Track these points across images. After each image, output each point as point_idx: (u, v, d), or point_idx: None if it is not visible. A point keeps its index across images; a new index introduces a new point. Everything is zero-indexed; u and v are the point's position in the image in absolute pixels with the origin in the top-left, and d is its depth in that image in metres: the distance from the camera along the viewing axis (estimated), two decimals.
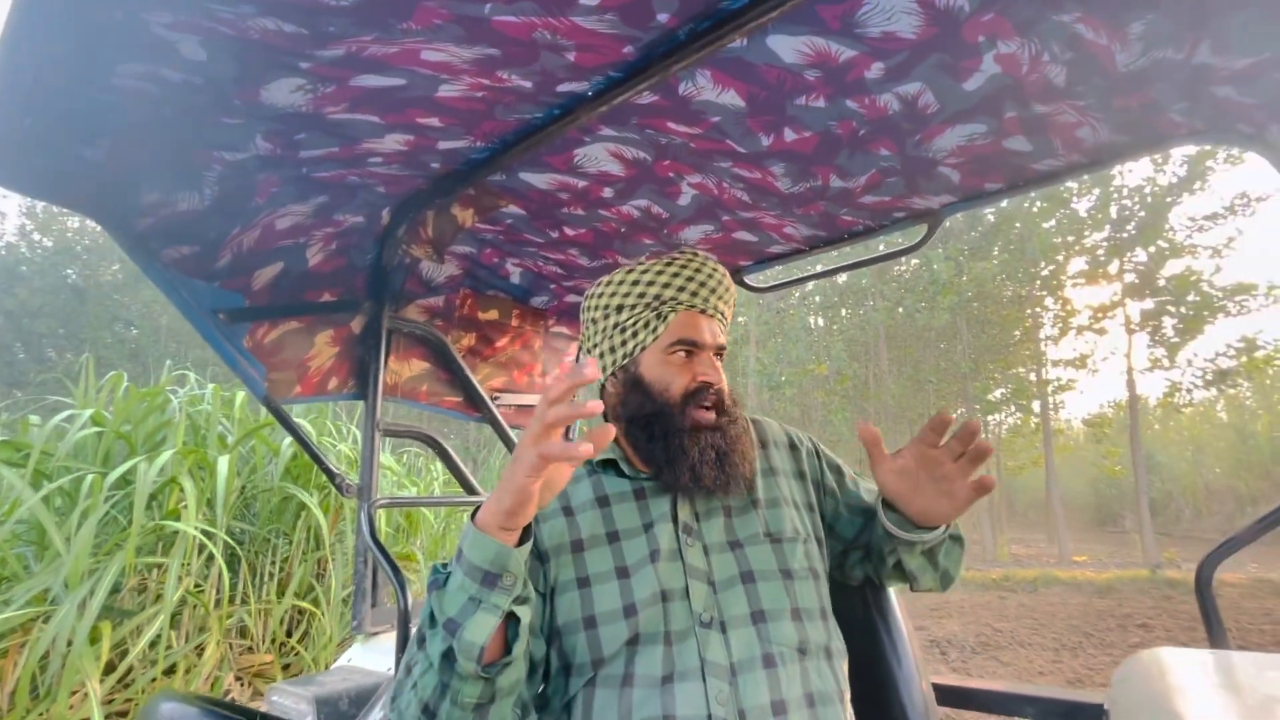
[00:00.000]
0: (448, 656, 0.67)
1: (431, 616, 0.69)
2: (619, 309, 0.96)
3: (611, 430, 0.63)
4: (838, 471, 1.05)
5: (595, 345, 0.99)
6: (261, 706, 1.14)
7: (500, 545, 0.66)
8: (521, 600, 0.70)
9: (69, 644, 2.58)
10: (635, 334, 0.95)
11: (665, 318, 0.94)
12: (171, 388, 3.91)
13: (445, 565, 0.71)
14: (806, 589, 0.87)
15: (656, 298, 0.94)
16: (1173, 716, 0.79)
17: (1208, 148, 11.89)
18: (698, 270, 0.96)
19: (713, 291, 0.96)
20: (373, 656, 1.27)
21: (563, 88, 1.03)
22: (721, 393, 0.92)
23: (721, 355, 0.96)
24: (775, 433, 1.05)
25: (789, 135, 1.14)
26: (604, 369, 0.97)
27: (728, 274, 1.00)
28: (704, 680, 0.76)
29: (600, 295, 0.98)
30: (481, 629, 0.66)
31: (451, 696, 0.68)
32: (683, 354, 0.93)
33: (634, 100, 1.05)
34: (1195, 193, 12.42)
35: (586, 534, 0.87)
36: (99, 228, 1.14)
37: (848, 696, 0.85)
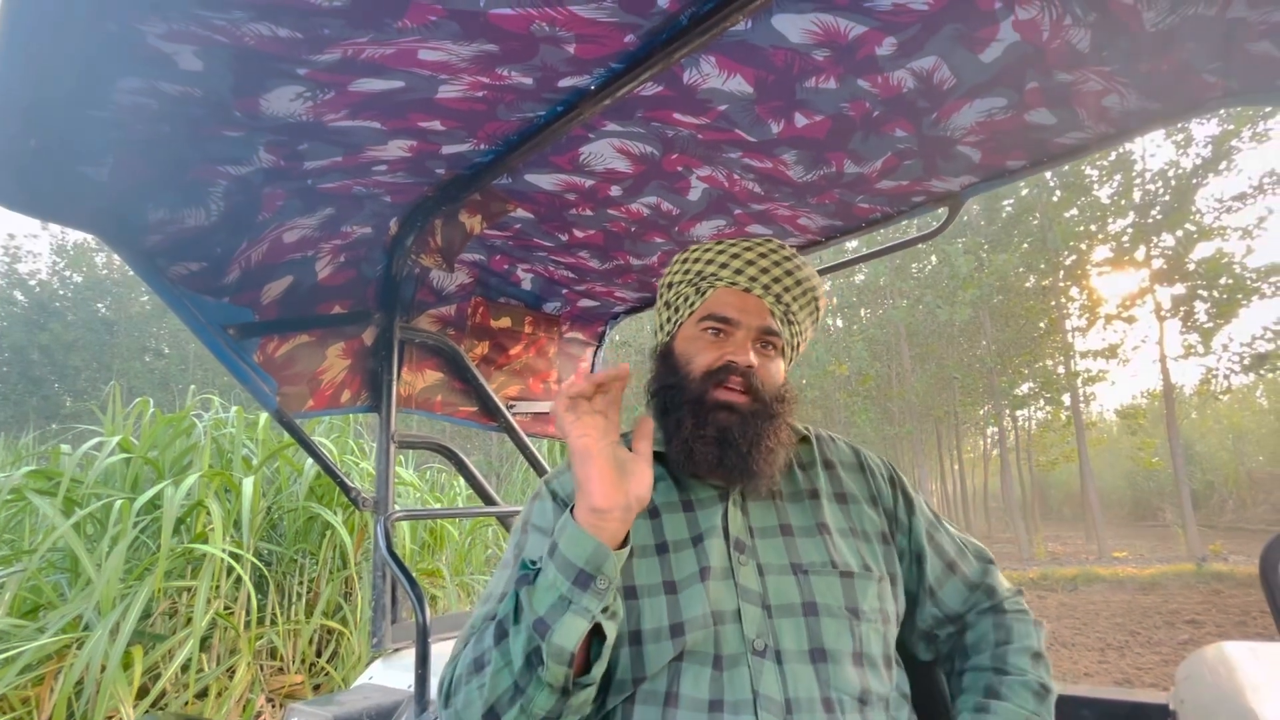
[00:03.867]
0: (532, 660, 0.65)
1: (516, 613, 0.67)
2: (669, 286, 0.96)
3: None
4: (910, 510, 0.93)
5: (655, 328, 0.99)
6: None
7: (598, 543, 0.65)
8: (610, 614, 0.67)
9: (102, 669, 2.60)
10: (677, 309, 0.93)
11: (704, 293, 0.90)
12: (196, 412, 3.97)
13: (535, 561, 0.70)
14: (874, 633, 0.78)
15: (699, 274, 0.91)
16: (1248, 714, 0.73)
17: (1230, 127, 11.61)
18: (748, 249, 0.91)
19: (764, 271, 0.89)
20: (393, 674, 1.24)
21: (564, 82, 1.00)
22: (752, 376, 0.84)
23: (774, 345, 0.89)
24: (844, 454, 0.96)
25: (799, 120, 1.11)
26: (656, 349, 0.96)
27: (798, 261, 0.92)
28: (756, 715, 0.69)
29: (663, 279, 0.98)
30: (572, 632, 0.64)
31: (523, 705, 0.65)
32: (714, 330, 0.87)
33: (638, 92, 1.02)
34: (1221, 173, 12.09)
35: (636, 544, 0.82)
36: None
37: None
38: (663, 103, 1.06)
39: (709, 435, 0.81)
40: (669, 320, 0.94)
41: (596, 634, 0.67)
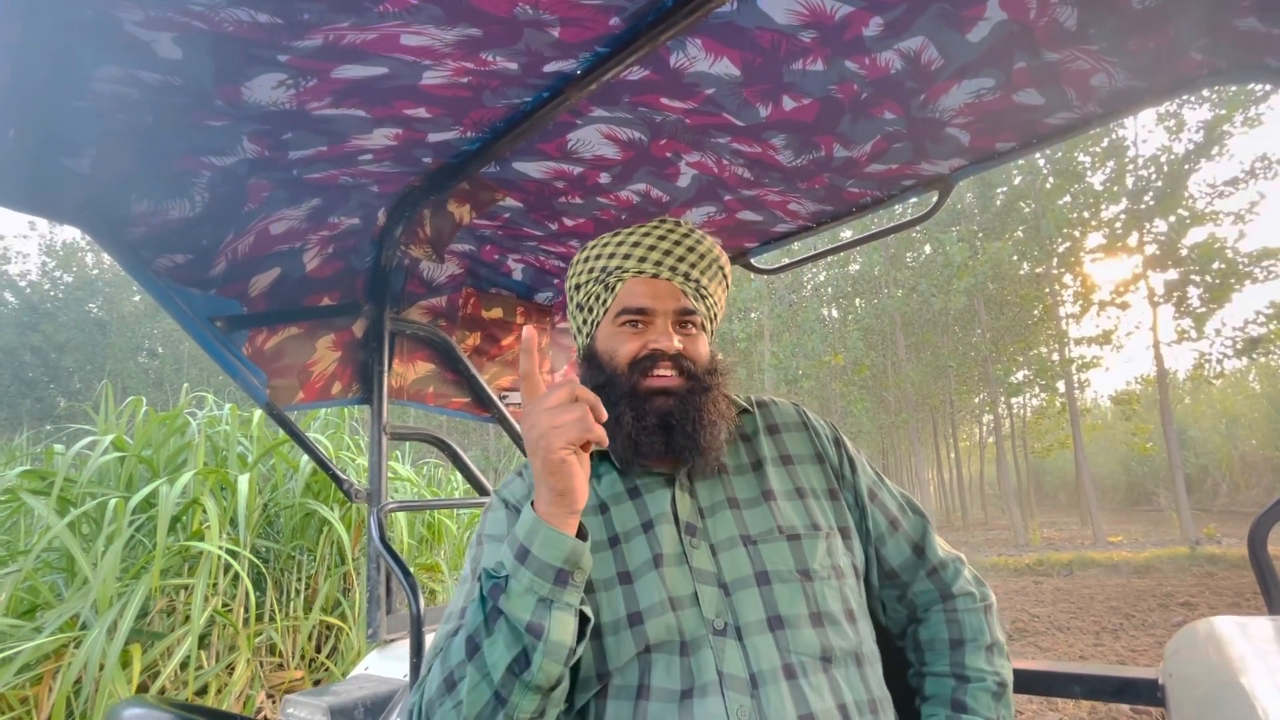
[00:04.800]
0: (515, 666, 0.64)
1: (487, 622, 0.66)
2: (577, 288, 0.94)
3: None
4: (853, 469, 0.94)
5: (572, 331, 0.97)
6: None
7: (575, 541, 0.66)
8: (584, 602, 0.70)
9: (101, 667, 2.60)
10: (591, 310, 0.91)
11: (612, 288, 0.89)
12: (190, 410, 3.95)
13: (496, 570, 0.68)
14: (829, 590, 0.79)
15: (603, 269, 0.90)
16: (1234, 688, 0.73)
17: (1223, 112, 11.62)
18: (646, 235, 0.90)
19: (668, 254, 0.88)
20: (389, 664, 1.25)
21: (550, 67, 0.99)
22: (682, 359, 0.84)
23: (693, 323, 0.88)
24: (787, 415, 0.97)
25: (787, 104, 1.10)
26: (579, 352, 0.95)
27: (701, 236, 0.92)
28: (723, 695, 0.70)
29: (568, 279, 0.96)
30: (566, 629, 0.65)
31: (507, 713, 0.65)
32: (633, 323, 0.86)
33: (624, 76, 1.01)
34: (1214, 158, 12.13)
35: (589, 539, 0.84)
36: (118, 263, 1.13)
37: (887, 704, 0.79)
38: (650, 87, 1.06)
39: (650, 424, 0.81)
40: (585, 322, 0.93)
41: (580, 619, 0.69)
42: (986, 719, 0.78)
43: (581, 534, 0.70)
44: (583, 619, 0.69)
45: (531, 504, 0.69)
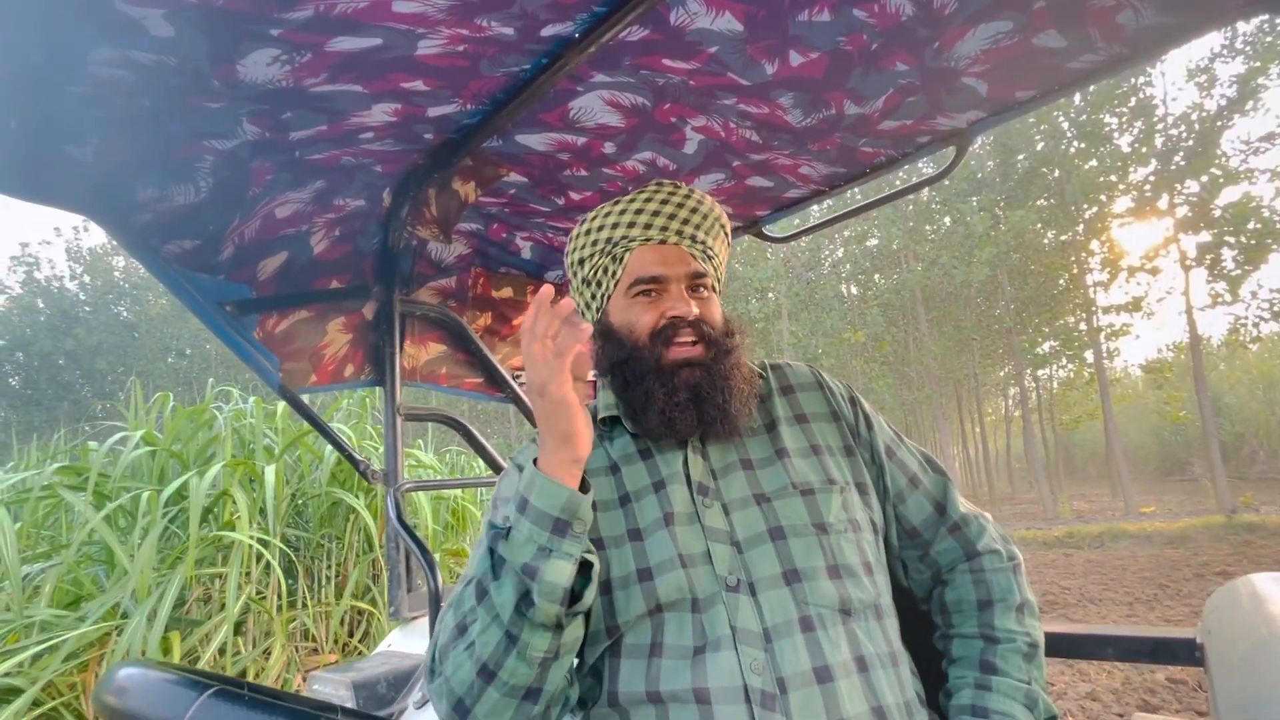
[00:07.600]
0: (521, 606, 0.66)
1: (494, 569, 0.68)
2: (581, 263, 0.93)
3: (588, 329, 0.68)
4: (869, 426, 0.92)
5: (578, 308, 0.96)
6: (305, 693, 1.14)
7: (571, 491, 0.67)
8: (590, 552, 0.70)
9: (143, 654, 2.68)
10: (599, 284, 0.91)
11: (621, 259, 0.88)
12: (216, 404, 4.03)
13: (502, 523, 0.70)
14: (846, 543, 0.78)
15: (609, 240, 0.89)
16: (1278, 645, 0.70)
17: (1257, 64, 11.13)
18: (649, 200, 0.89)
19: (672, 218, 0.88)
20: (411, 640, 1.26)
21: (547, 31, 0.97)
22: (701, 324, 0.84)
23: (705, 285, 0.88)
24: (801, 376, 0.96)
25: (795, 59, 1.06)
26: (593, 328, 0.93)
27: (701, 196, 0.91)
28: (736, 649, 0.70)
29: (568, 255, 0.95)
30: (561, 572, 0.65)
31: (519, 651, 0.66)
32: (647, 292, 0.86)
33: (623, 37, 0.98)
34: (1248, 114, 11.65)
35: (600, 498, 0.84)
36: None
37: (905, 658, 0.78)
38: (650, 47, 1.02)
39: (682, 399, 0.81)
40: (595, 297, 0.92)
41: (580, 568, 0.69)
42: (1018, 680, 0.76)
43: (584, 488, 0.70)
44: (588, 566, 0.70)
45: (534, 461, 0.70)
